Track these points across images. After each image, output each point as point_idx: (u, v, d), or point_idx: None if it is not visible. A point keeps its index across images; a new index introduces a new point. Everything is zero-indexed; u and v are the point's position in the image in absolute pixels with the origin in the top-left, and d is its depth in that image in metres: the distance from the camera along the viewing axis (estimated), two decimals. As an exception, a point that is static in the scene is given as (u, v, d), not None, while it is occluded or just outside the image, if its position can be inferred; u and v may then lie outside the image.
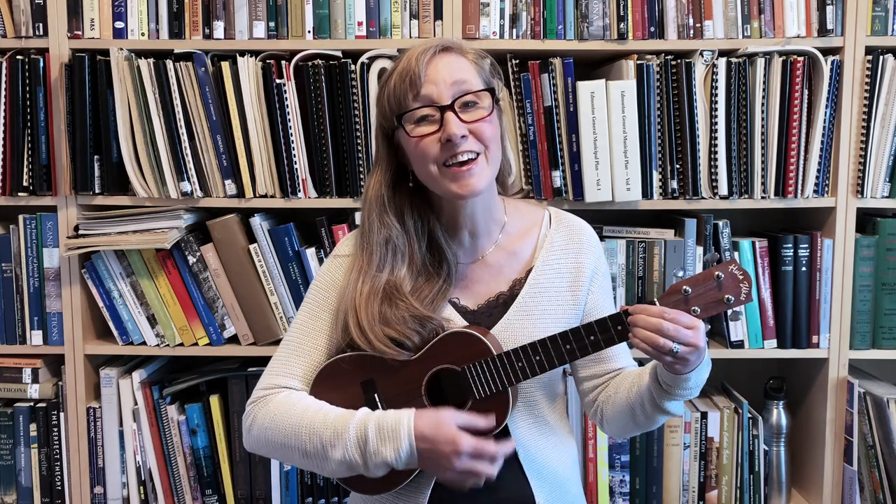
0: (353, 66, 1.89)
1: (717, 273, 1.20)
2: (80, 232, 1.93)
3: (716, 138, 1.90)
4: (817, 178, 1.92)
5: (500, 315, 1.32)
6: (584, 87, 1.86)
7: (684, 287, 1.21)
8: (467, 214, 1.33)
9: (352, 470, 1.22)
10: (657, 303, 1.21)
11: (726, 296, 1.20)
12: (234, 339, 2.00)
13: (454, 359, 1.26)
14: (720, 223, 1.94)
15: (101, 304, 1.98)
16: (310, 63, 1.90)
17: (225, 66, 1.89)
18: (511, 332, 1.30)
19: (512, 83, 1.89)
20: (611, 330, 1.22)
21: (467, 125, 1.24)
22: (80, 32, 1.92)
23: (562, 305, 1.34)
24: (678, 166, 1.92)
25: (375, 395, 1.29)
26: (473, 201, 1.30)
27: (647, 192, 1.91)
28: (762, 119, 1.90)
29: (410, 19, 1.92)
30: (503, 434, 1.29)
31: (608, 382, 1.39)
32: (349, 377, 1.30)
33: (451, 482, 1.21)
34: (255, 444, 1.32)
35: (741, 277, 1.21)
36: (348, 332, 1.29)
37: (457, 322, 1.31)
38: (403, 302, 1.28)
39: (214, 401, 2.00)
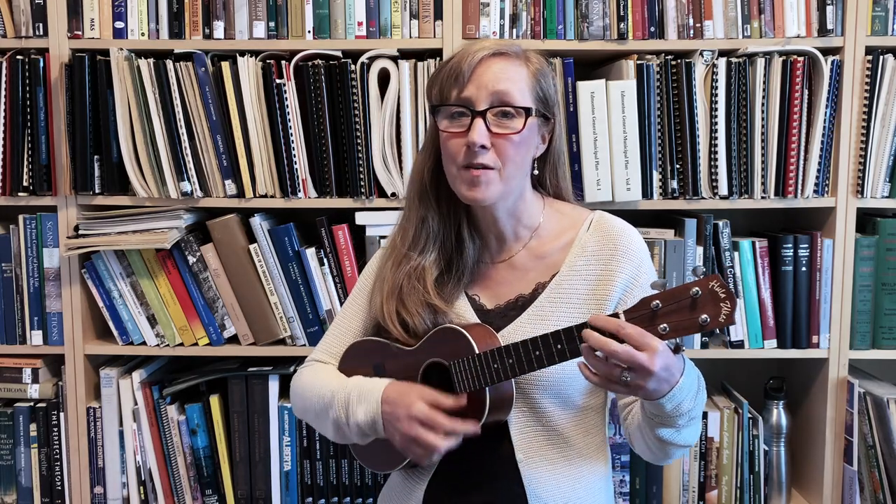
0: (353, 66, 1.89)
1: (693, 289, 1.07)
2: (80, 232, 1.93)
3: (716, 138, 1.90)
4: (817, 178, 1.92)
5: (515, 317, 1.30)
6: (584, 87, 1.86)
7: (654, 301, 1.09)
8: (489, 219, 1.33)
9: (341, 431, 1.31)
10: (622, 316, 1.11)
11: (702, 316, 1.07)
12: (234, 339, 2.00)
13: (446, 353, 1.28)
14: (720, 223, 1.94)
15: (101, 304, 1.98)
16: (310, 63, 1.90)
17: (225, 66, 1.89)
18: (521, 336, 1.26)
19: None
20: (575, 340, 1.14)
21: (493, 137, 1.24)
22: (80, 32, 1.92)
23: (583, 314, 1.28)
24: (678, 166, 1.92)
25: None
26: (495, 208, 1.30)
27: (647, 192, 1.91)
28: (762, 119, 1.90)
29: (410, 19, 1.92)
30: (504, 437, 1.29)
31: (635, 403, 1.32)
32: (366, 358, 1.38)
33: (405, 451, 1.25)
34: (295, 410, 1.46)
35: (723, 296, 1.06)
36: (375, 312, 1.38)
37: (469, 318, 1.32)
38: (422, 287, 1.31)
39: (214, 401, 2.00)
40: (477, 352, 1.24)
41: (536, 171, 1.35)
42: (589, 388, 1.33)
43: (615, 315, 1.13)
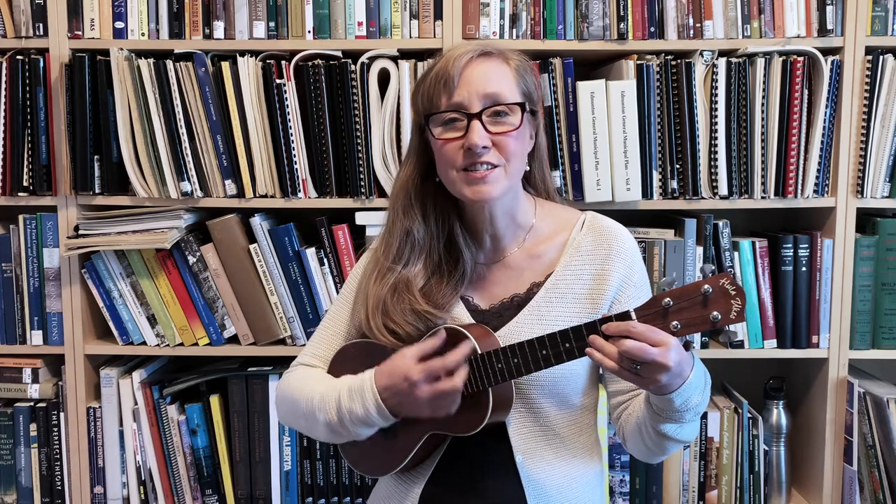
0: (353, 66, 1.89)
1: (704, 286, 1.09)
2: (80, 232, 1.93)
3: (716, 138, 1.90)
4: (817, 178, 1.92)
5: (511, 317, 1.30)
6: (584, 87, 1.86)
7: (665, 299, 1.11)
8: (486, 219, 1.32)
9: (335, 432, 1.29)
10: (633, 315, 1.13)
11: (713, 313, 1.09)
12: (234, 339, 2.00)
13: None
14: (720, 223, 1.94)
15: (101, 304, 1.98)
16: (310, 63, 1.90)
17: (225, 66, 1.89)
18: (518, 335, 1.27)
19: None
20: (584, 339, 1.15)
21: (492, 136, 1.24)
22: (80, 32, 1.92)
23: (578, 313, 1.29)
24: (678, 166, 1.92)
25: None
26: (493, 206, 1.30)
27: (647, 192, 1.91)
28: (762, 119, 1.90)
29: (410, 19, 1.92)
30: (501, 437, 1.29)
31: (631, 401, 1.33)
32: (357, 362, 1.34)
33: (434, 415, 1.22)
34: (279, 415, 1.44)
35: (733, 293, 1.09)
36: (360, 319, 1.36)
37: (463, 320, 1.31)
38: (409, 296, 1.30)
39: (214, 401, 2.00)
40: (479, 352, 1.23)
41: (527, 167, 1.35)
42: (585, 387, 1.34)
43: (626, 314, 1.13)
